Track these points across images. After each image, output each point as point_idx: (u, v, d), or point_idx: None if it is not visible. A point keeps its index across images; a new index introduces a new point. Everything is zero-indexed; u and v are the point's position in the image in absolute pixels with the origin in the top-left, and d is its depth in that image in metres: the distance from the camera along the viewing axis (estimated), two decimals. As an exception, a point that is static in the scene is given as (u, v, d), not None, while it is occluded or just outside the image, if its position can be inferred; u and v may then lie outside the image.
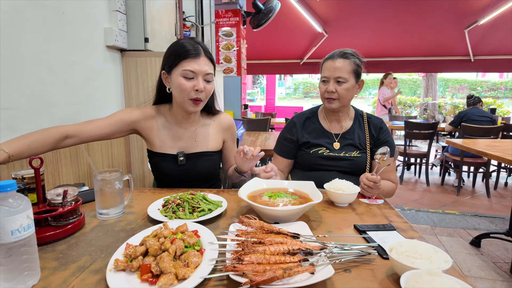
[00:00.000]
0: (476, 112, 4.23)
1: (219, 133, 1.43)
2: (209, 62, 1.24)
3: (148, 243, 0.71)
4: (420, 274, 0.59)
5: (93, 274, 0.68)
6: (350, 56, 1.40)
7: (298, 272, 0.63)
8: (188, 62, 1.19)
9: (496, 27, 5.30)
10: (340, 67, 1.38)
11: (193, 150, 1.35)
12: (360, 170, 1.44)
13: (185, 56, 1.19)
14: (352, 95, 1.44)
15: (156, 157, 1.33)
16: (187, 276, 0.63)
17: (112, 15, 1.76)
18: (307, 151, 1.48)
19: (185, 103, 1.24)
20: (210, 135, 1.40)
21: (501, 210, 3.59)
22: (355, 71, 1.41)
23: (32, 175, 0.89)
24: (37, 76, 1.29)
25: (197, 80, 1.20)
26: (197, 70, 1.20)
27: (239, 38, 4.37)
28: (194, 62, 1.19)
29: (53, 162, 1.36)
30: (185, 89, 1.20)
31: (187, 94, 1.21)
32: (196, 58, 1.20)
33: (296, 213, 0.93)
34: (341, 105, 1.44)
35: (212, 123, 1.42)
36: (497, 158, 2.11)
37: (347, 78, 1.39)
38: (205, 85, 1.22)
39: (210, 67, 1.24)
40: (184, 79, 1.20)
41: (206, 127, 1.40)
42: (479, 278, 2.22)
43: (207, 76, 1.23)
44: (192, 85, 1.20)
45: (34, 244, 0.65)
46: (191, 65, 1.19)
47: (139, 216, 1.01)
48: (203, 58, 1.22)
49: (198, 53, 1.20)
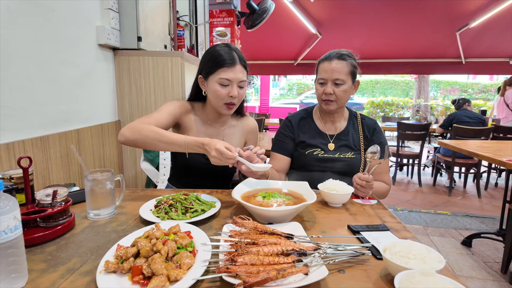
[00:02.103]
0: (465, 114, 4.29)
1: (243, 135, 1.50)
2: (243, 69, 1.29)
3: (140, 244, 0.69)
4: (413, 274, 0.59)
5: (82, 276, 0.67)
6: (347, 57, 1.39)
7: (292, 273, 0.62)
8: (224, 70, 1.25)
9: (486, 30, 5.38)
10: (338, 68, 1.37)
11: None
12: (355, 171, 1.44)
13: (222, 64, 1.25)
14: (349, 96, 1.44)
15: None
16: (179, 278, 0.62)
17: (104, 13, 1.74)
18: (302, 152, 1.48)
19: (220, 107, 1.31)
20: (235, 136, 1.47)
21: (491, 210, 3.64)
22: (352, 72, 1.40)
23: (21, 175, 0.87)
24: (27, 75, 1.26)
25: (232, 87, 1.26)
26: (232, 78, 1.25)
27: (233, 39, 4.36)
28: (230, 71, 1.25)
29: (43, 162, 1.33)
30: (220, 95, 1.27)
31: (222, 99, 1.28)
32: (232, 67, 1.25)
33: (290, 214, 0.93)
34: (339, 107, 1.44)
35: (238, 125, 1.49)
36: (488, 159, 2.14)
37: (345, 79, 1.38)
38: (239, 91, 1.29)
39: (244, 75, 1.29)
40: (220, 86, 1.26)
41: (233, 128, 1.47)
42: (470, 277, 2.24)
43: (241, 83, 1.29)
44: (227, 92, 1.26)
45: (21, 245, 0.64)
46: (227, 73, 1.25)
47: (130, 217, 0.99)
48: (238, 66, 1.27)
49: (234, 62, 1.26)
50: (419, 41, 6.07)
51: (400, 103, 11.03)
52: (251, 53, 6.71)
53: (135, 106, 1.93)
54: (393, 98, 11.57)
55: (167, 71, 1.89)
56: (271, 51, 6.95)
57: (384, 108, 11.03)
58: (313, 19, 5.49)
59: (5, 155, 1.14)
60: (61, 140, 1.44)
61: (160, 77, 1.90)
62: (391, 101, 11.13)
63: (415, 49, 6.40)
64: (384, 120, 6.50)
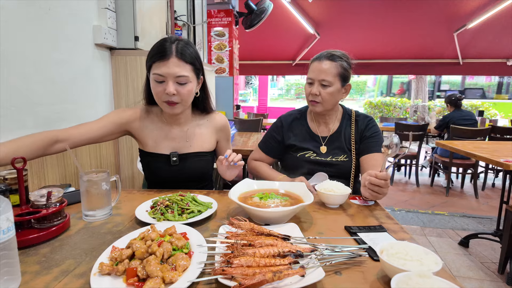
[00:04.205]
0: (460, 114, 4.32)
1: (213, 133, 1.39)
2: (181, 63, 1.14)
3: (135, 246, 0.69)
4: (410, 276, 0.59)
5: (77, 279, 0.66)
6: (338, 58, 1.36)
7: (288, 275, 0.62)
8: (157, 65, 1.13)
9: (484, 31, 5.41)
10: (326, 69, 1.34)
11: (186, 151, 1.32)
12: (346, 174, 1.43)
13: (154, 59, 1.14)
14: (336, 99, 1.40)
15: (149, 157, 1.31)
16: (174, 280, 0.61)
17: (101, 12, 1.73)
18: (294, 154, 1.47)
19: (162, 105, 1.21)
20: (203, 135, 1.36)
21: (488, 211, 3.65)
22: (341, 74, 1.36)
23: (15, 176, 0.86)
24: (22, 74, 1.25)
25: (167, 83, 1.14)
26: (165, 73, 1.13)
27: (231, 39, 4.35)
28: (163, 65, 1.12)
29: (38, 162, 1.32)
30: (156, 93, 1.17)
31: (160, 97, 1.17)
32: (164, 61, 1.12)
33: (287, 215, 0.92)
34: (324, 109, 1.41)
35: (205, 123, 1.38)
36: (485, 160, 2.14)
37: (332, 81, 1.35)
38: (178, 88, 1.15)
39: (182, 69, 1.14)
40: (155, 83, 1.16)
41: (199, 127, 1.37)
42: (468, 278, 2.24)
43: (179, 78, 1.14)
44: (163, 89, 1.15)
45: (14, 247, 0.63)
46: (160, 68, 1.13)
47: (126, 218, 0.99)
48: (174, 59, 1.13)
49: (166, 55, 1.12)
50: (417, 42, 6.10)
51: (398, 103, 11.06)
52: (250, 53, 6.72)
53: (131, 106, 1.92)
54: (391, 98, 11.60)
55: (164, 71, 1.88)
56: (269, 51, 6.95)
57: (382, 108, 11.06)
58: (311, 20, 5.49)
59: (0, 156, 1.12)
60: (57, 140, 1.42)
61: (157, 77, 1.89)
62: (389, 102, 11.16)
63: (413, 50, 6.42)
64: (382, 121, 6.51)
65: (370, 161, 1.39)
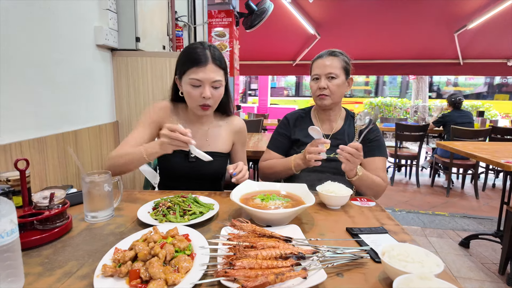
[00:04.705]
0: (457, 114, 4.39)
1: (230, 135, 1.45)
2: (217, 69, 1.23)
3: (137, 247, 0.69)
4: (412, 278, 0.59)
5: (79, 280, 0.66)
6: (339, 54, 1.46)
7: (290, 277, 0.62)
8: (194, 70, 1.20)
9: (484, 32, 5.41)
10: (330, 64, 1.42)
11: (204, 149, 1.35)
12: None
13: (192, 64, 1.20)
14: (342, 91, 1.47)
15: None
16: (177, 282, 0.62)
17: (102, 13, 1.73)
18: (298, 150, 1.49)
19: (194, 109, 1.28)
20: (221, 136, 1.42)
21: (489, 211, 3.66)
22: (345, 67, 1.45)
23: (17, 177, 0.87)
24: (24, 75, 1.25)
25: (204, 88, 1.21)
26: (203, 79, 1.20)
27: (232, 39, 4.35)
28: (201, 71, 1.19)
29: (39, 163, 1.32)
30: (193, 96, 1.23)
31: (195, 101, 1.24)
32: (203, 67, 1.20)
33: (289, 216, 0.93)
34: (333, 102, 1.47)
35: (224, 125, 1.44)
36: (486, 161, 2.15)
37: (338, 74, 1.42)
38: (213, 92, 1.23)
39: (217, 74, 1.23)
40: (191, 87, 1.22)
41: (218, 128, 1.43)
42: (468, 279, 2.25)
43: (215, 83, 1.22)
44: (199, 93, 1.22)
45: (18, 249, 0.63)
46: (197, 73, 1.20)
47: (128, 219, 0.99)
48: (211, 66, 1.21)
49: (205, 61, 1.20)
50: (418, 42, 6.10)
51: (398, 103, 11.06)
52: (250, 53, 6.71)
53: (133, 107, 1.93)
54: (391, 98, 11.61)
55: (165, 72, 1.89)
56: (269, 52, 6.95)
57: (383, 108, 11.06)
58: (311, 20, 5.49)
59: (2, 157, 1.13)
60: (58, 141, 1.43)
61: (158, 78, 1.90)
62: (389, 102, 11.17)
63: (414, 50, 6.42)
64: (383, 121, 6.51)
65: (371, 165, 1.44)
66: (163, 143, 1.06)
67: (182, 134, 1.04)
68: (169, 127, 1.06)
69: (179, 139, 1.04)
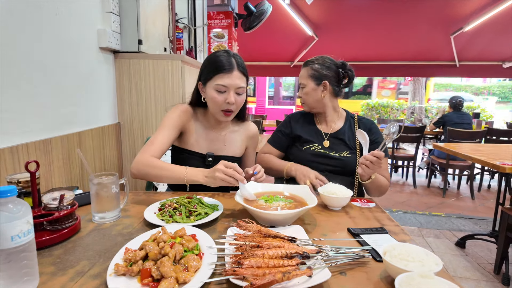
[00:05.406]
0: (456, 116, 4.50)
1: (244, 140, 1.51)
2: (241, 76, 1.28)
3: (148, 247, 0.71)
4: (413, 276, 0.62)
5: (92, 279, 0.68)
6: (309, 63, 1.56)
7: (296, 276, 0.65)
8: (221, 76, 1.25)
9: (480, 34, 5.47)
10: (301, 75, 1.59)
11: (221, 153, 1.42)
12: (349, 171, 1.49)
13: (219, 70, 1.25)
14: (314, 98, 1.54)
15: (186, 153, 1.39)
16: (187, 280, 0.64)
17: (105, 16, 1.75)
18: (300, 147, 1.55)
19: (217, 114, 1.32)
20: (237, 141, 1.48)
21: (484, 212, 3.71)
22: (311, 75, 1.53)
23: (27, 179, 0.89)
24: (28, 78, 1.27)
25: (229, 94, 1.26)
26: (229, 85, 1.25)
27: (230, 40, 4.37)
28: (227, 77, 1.24)
29: (45, 165, 1.34)
30: (217, 102, 1.27)
31: (219, 106, 1.28)
32: (229, 73, 1.24)
33: (292, 217, 0.95)
34: (309, 108, 1.59)
35: (240, 130, 1.50)
36: (482, 162, 2.19)
37: (305, 83, 1.55)
38: (236, 98, 1.28)
39: (242, 81, 1.28)
40: (216, 93, 1.26)
41: (235, 133, 1.48)
42: (464, 278, 2.29)
43: (239, 89, 1.28)
44: (224, 98, 1.26)
45: (33, 249, 0.65)
46: (224, 79, 1.24)
47: (135, 220, 1.01)
48: (236, 73, 1.26)
49: (231, 68, 1.25)
50: (414, 44, 6.14)
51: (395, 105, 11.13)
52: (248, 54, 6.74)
53: (135, 109, 1.95)
54: (388, 100, 11.68)
55: (167, 74, 1.91)
56: (268, 53, 6.98)
57: (380, 110, 11.13)
58: (309, 22, 5.53)
59: (9, 159, 1.15)
60: (63, 143, 1.45)
61: (161, 80, 1.92)
62: (386, 103, 11.23)
63: (410, 52, 6.47)
64: (380, 122, 6.56)
65: None
66: (216, 178, 1.06)
67: (238, 172, 1.06)
68: (226, 164, 1.08)
69: (234, 177, 1.06)
